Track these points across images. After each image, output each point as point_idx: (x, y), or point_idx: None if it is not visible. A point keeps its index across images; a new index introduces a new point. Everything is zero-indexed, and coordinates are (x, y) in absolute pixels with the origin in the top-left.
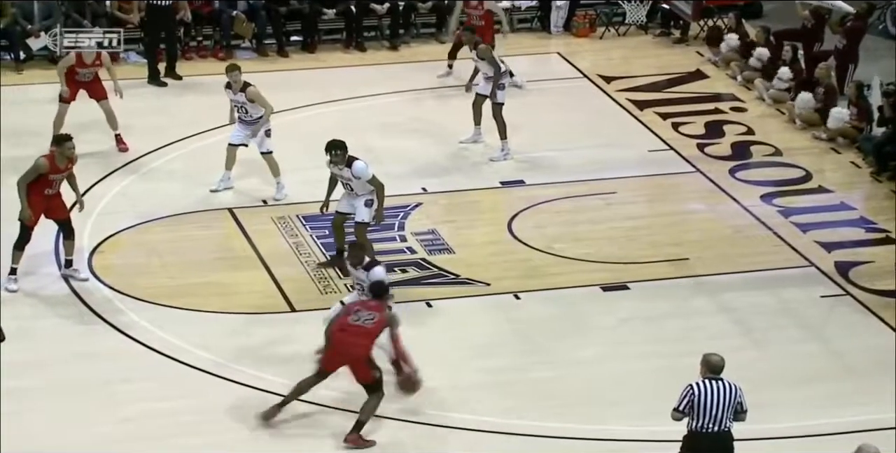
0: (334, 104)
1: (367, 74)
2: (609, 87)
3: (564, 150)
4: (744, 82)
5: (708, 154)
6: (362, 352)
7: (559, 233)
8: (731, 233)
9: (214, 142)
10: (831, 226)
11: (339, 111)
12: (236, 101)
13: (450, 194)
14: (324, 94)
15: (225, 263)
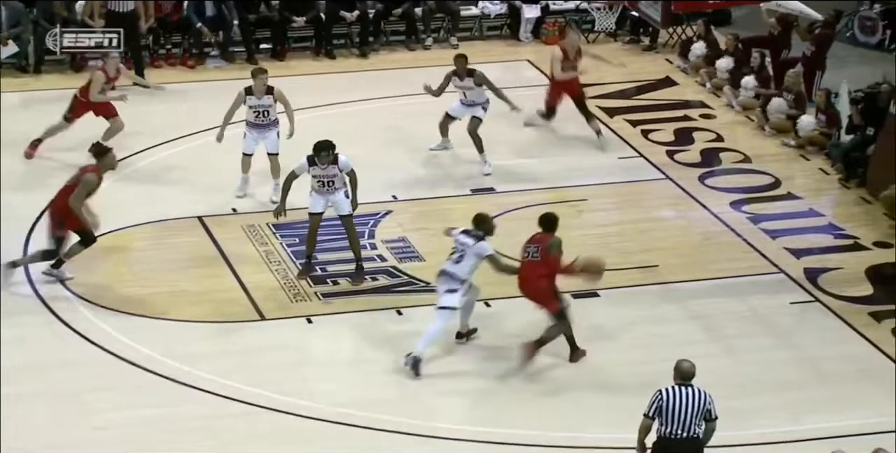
0: (303, 112)
1: (336, 82)
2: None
3: (535, 158)
4: (713, 89)
5: (677, 161)
6: (542, 285)
7: None
8: (701, 239)
9: (185, 150)
10: (800, 232)
11: (307, 119)
12: (260, 105)
13: (420, 202)
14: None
15: (195, 272)
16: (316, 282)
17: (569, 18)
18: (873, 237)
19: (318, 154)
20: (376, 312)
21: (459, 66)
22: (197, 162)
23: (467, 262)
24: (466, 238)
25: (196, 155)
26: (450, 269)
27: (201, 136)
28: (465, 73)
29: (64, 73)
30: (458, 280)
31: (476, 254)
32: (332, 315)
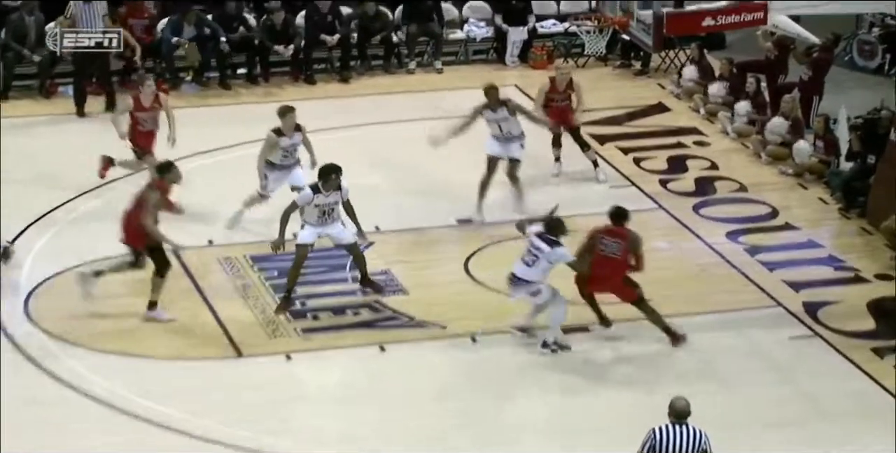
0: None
1: (316, 108)
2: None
3: (523, 186)
4: (707, 115)
5: (671, 190)
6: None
7: None
8: (696, 271)
9: None
10: (799, 264)
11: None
12: (291, 145)
13: (404, 233)
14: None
15: (168, 306)
16: (296, 317)
17: (557, 42)
18: (875, 269)
19: (325, 179)
20: (359, 348)
21: (492, 97)
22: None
23: (539, 267)
24: (541, 242)
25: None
26: (521, 273)
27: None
28: (498, 104)
29: (34, 98)
30: (531, 282)
31: (551, 259)
32: (313, 351)
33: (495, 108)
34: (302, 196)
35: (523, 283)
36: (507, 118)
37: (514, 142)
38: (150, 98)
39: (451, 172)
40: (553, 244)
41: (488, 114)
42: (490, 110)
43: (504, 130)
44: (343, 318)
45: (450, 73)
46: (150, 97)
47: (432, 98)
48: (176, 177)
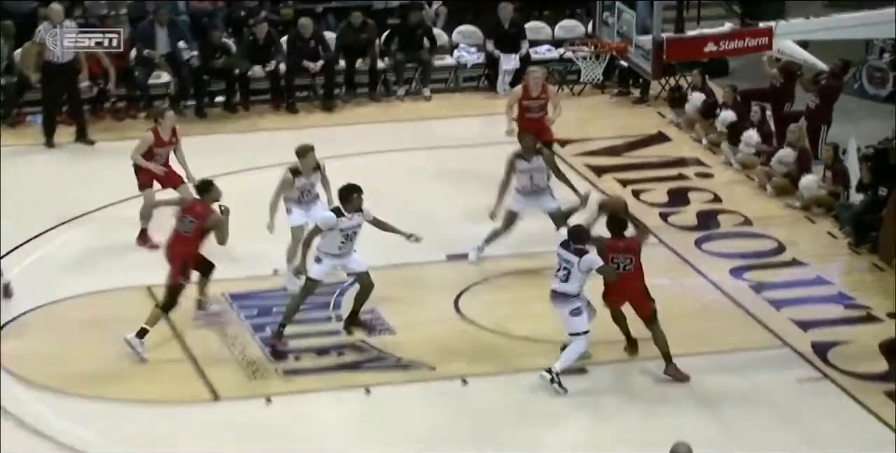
0: (262, 170)
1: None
2: (564, 151)
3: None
4: (709, 145)
5: (672, 224)
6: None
7: (512, 310)
8: (698, 310)
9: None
10: (807, 302)
11: (268, 179)
12: (308, 184)
13: (391, 269)
14: (250, 160)
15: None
16: (277, 358)
17: (552, 69)
18: (887, 307)
19: (346, 199)
20: (343, 391)
21: (526, 144)
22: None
23: (575, 279)
24: (569, 254)
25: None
26: (560, 289)
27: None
28: (533, 152)
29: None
30: (573, 297)
31: (583, 269)
32: (295, 394)
33: (530, 157)
34: (325, 220)
35: (562, 298)
36: (540, 168)
37: (542, 194)
38: (169, 132)
39: (440, 205)
40: (580, 253)
41: (521, 164)
42: (524, 160)
43: (534, 182)
44: (326, 359)
45: (439, 101)
46: (169, 130)
47: (421, 127)
48: (217, 195)
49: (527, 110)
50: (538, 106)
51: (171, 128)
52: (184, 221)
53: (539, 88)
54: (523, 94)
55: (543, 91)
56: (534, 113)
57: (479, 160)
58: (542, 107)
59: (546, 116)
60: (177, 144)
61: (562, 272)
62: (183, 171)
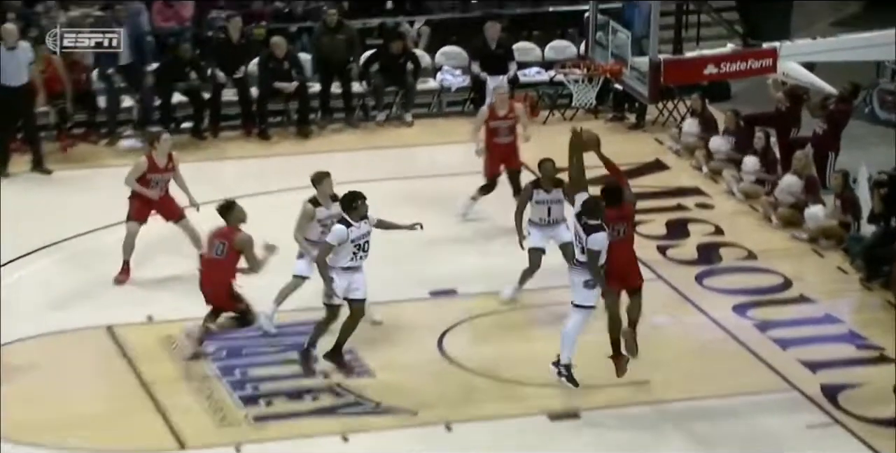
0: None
1: (271, 166)
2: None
3: (504, 255)
4: (710, 174)
5: (670, 258)
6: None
7: (499, 351)
8: (699, 350)
9: (93, 247)
10: (816, 342)
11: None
12: (329, 216)
13: (370, 306)
14: (218, 191)
15: (102, 392)
16: (247, 403)
17: (542, 92)
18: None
19: (350, 208)
20: (318, 438)
21: (546, 172)
22: (105, 262)
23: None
24: (580, 228)
25: (102, 254)
26: (578, 257)
27: (109, 232)
28: (553, 183)
29: None
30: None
31: (588, 247)
32: (266, 442)
33: (549, 189)
34: (336, 234)
35: (580, 265)
36: (559, 201)
37: (557, 226)
38: (166, 157)
39: (423, 239)
40: (589, 230)
41: (539, 195)
42: (543, 191)
43: (552, 215)
44: (300, 404)
45: (421, 127)
46: (165, 156)
47: (402, 155)
48: (242, 214)
49: (494, 133)
50: (507, 127)
51: (167, 154)
52: (215, 246)
53: (506, 108)
54: (490, 115)
55: (511, 111)
56: (502, 136)
57: (465, 190)
58: (510, 129)
59: (516, 139)
60: (175, 171)
61: (578, 243)
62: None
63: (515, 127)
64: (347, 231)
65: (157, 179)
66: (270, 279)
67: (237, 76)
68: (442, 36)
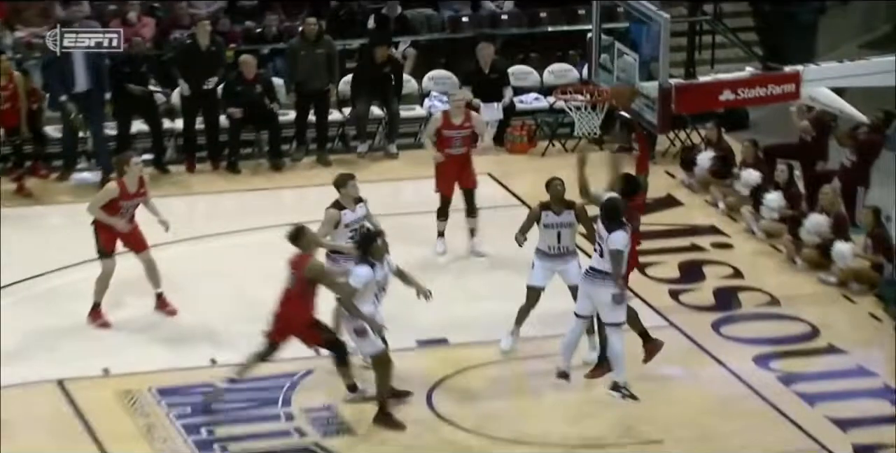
0: (197, 242)
1: (241, 202)
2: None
3: (500, 300)
4: (728, 211)
5: (684, 303)
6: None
7: (494, 407)
8: (717, 406)
9: (45, 291)
10: (847, 397)
11: (204, 251)
12: (356, 221)
13: (351, 356)
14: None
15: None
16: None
17: (541, 120)
18: None
19: (370, 247)
20: None
21: (555, 193)
22: (57, 307)
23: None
24: (602, 229)
25: (54, 299)
26: (596, 265)
27: (62, 275)
28: (564, 205)
29: None
30: (604, 275)
31: (610, 247)
32: None
33: (559, 210)
34: (361, 276)
35: (601, 276)
36: (570, 224)
37: (569, 260)
38: (137, 182)
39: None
40: (611, 228)
41: (549, 217)
42: (552, 213)
43: (562, 242)
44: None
45: (407, 159)
46: (136, 181)
47: (386, 189)
48: (312, 240)
49: (448, 143)
50: (461, 138)
51: (138, 178)
52: (288, 276)
53: (462, 116)
54: (443, 122)
55: (467, 119)
56: (455, 147)
57: (454, 228)
58: (465, 140)
59: (469, 154)
60: (145, 197)
61: (598, 246)
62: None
63: (470, 139)
64: (373, 273)
65: (127, 207)
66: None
67: (206, 87)
68: (430, 58)
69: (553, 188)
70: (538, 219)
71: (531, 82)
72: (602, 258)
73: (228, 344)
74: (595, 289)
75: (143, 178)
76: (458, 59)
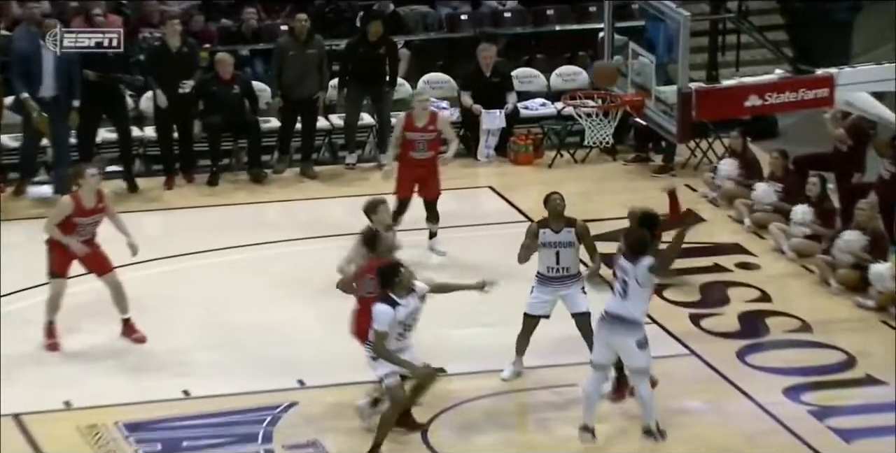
0: (166, 262)
1: (218, 218)
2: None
3: (501, 325)
4: (754, 228)
5: (706, 329)
6: None
7: (495, 441)
8: (743, 442)
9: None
10: (887, 433)
11: (173, 271)
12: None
13: (337, 389)
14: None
15: None
16: None
17: (548, 128)
18: None
19: (389, 281)
20: None
21: (553, 209)
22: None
23: (635, 295)
24: (624, 261)
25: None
26: (616, 308)
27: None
28: (564, 223)
29: None
30: (633, 321)
31: (639, 276)
32: None
33: (558, 228)
34: (380, 316)
35: (622, 323)
36: (571, 244)
37: (571, 285)
38: (94, 196)
39: None
40: (635, 259)
41: (547, 235)
42: (551, 230)
43: (562, 262)
44: None
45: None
46: (93, 195)
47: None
48: (388, 246)
49: (411, 146)
50: (425, 142)
51: (95, 192)
52: (366, 281)
53: (426, 118)
54: (406, 124)
55: (432, 122)
56: (419, 151)
57: (456, 247)
58: (430, 144)
59: (437, 159)
60: (107, 212)
61: (620, 285)
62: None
63: (436, 143)
64: (394, 312)
65: (83, 223)
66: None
67: (183, 91)
68: (425, 60)
69: (551, 203)
70: (535, 238)
71: (537, 86)
72: (624, 300)
73: (202, 375)
74: (617, 338)
75: (102, 192)
76: (456, 62)
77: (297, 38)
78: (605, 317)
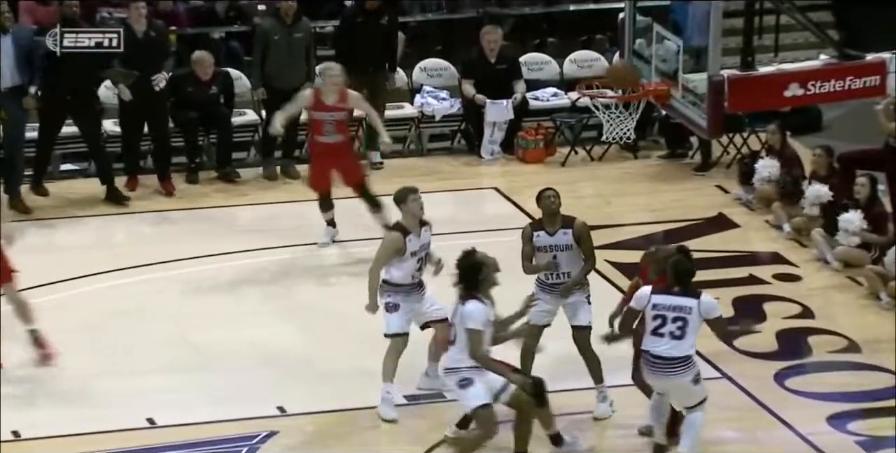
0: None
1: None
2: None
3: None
4: (794, 234)
5: (740, 349)
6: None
7: None
8: None
9: None
10: None
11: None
12: (422, 248)
13: (321, 416)
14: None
15: None
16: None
17: (561, 122)
18: None
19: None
20: None
21: (547, 208)
22: None
23: (692, 332)
24: (683, 299)
25: None
26: (673, 351)
27: None
28: (560, 223)
29: None
30: (689, 361)
31: (703, 311)
32: None
33: (553, 230)
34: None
35: (681, 365)
36: (569, 246)
37: (576, 293)
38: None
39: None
40: (695, 295)
41: (541, 238)
42: (545, 232)
43: (562, 268)
44: None
45: (394, 169)
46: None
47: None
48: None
49: (319, 129)
50: (334, 122)
51: None
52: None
53: (336, 95)
54: (314, 102)
55: (342, 99)
56: (328, 134)
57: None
58: (340, 125)
59: (347, 141)
60: None
61: (672, 326)
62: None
63: (345, 124)
64: (487, 312)
65: None
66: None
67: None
68: (422, 45)
69: (544, 201)
70: (531, 243)
71: (549, 74)
72: (680, 340)
73: (169, 401)
74: (672, 380)
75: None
76: (457, 46)
77: (283, 20)
78: (655, 363)
